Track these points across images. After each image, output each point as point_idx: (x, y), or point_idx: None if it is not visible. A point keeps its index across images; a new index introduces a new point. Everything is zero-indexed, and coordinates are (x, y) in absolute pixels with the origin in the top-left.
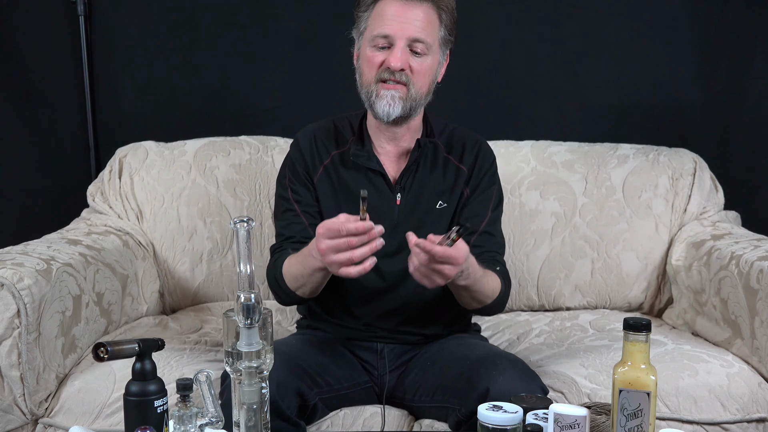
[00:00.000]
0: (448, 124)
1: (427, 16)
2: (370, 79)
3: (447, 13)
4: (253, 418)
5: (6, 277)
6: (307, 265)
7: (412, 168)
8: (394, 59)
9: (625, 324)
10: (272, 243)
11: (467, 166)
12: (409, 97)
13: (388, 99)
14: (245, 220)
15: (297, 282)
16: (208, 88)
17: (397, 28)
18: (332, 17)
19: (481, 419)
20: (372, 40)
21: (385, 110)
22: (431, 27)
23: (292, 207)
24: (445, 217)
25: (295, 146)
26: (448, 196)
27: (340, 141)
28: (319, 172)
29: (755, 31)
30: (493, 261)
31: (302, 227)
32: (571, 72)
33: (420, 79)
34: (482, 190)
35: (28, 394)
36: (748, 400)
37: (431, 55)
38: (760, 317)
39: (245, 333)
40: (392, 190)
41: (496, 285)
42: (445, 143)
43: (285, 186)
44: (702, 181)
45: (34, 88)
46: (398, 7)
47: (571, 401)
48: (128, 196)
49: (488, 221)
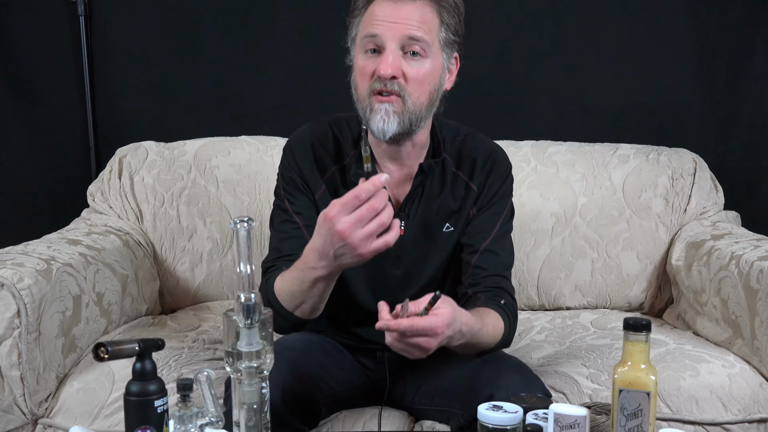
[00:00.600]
0: (460, 129)
1: (424, 14)
2: (364, 92)
3: (449, 11)
4: (253, 418)
5: (6, 277)
6: (306, 278)
7: (417, 192)
8: (383, 65)
9: (625, 324)
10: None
11: (477, 184)
12: (406, 110)
13: (382, 114)
14: (245, 220)
15: (294, 300)
16: (208, 88)
17: (386, 27)
18: (333, 17)
19: (481, 419)
20: (362, 45)
21: (380, 127)
22: (429, 26)
23: (292, 219)
24: (451, 242)
25: (291, 156)
26: (455, 218)
27: (339, 153)
28: (321, 189)
29: (755, 31)
30: (497, 292)
31: (302, 243)
32: (571, 72)
33: (417, 88)
34: (491, 205)
35: (28, 394)
36: (749, 401)
37: (430, 58)
38: (761, 317)
39: (245, 333)
40: (396, 218)
41: (497, 330)
42: (455, 156)
43: (282, 197)
44: (702, 181)
45: (34, 88)
46: (390, 6)
47: (572, 402)
48: (128, 196)
49: (493, 238)
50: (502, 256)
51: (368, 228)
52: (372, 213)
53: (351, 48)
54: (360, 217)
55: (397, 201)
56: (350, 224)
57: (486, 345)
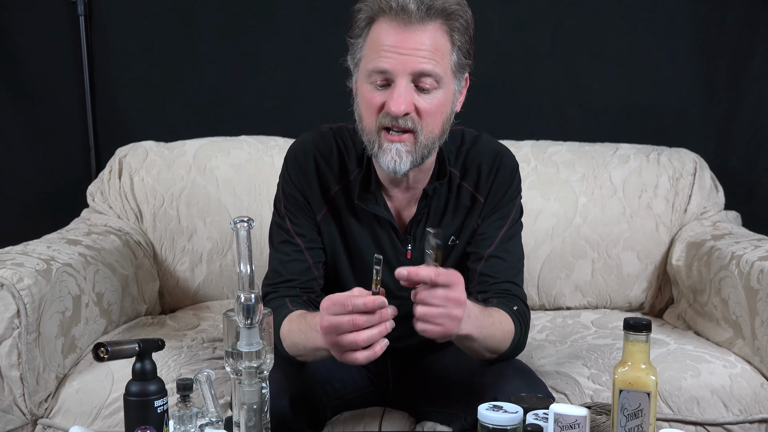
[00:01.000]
0: (466, 134)
1: (435, 40)
2: (371, 127)
3: (461, 31)
4: (253, 418)
5: (6, 277)
6: (309, 339)
7: (422, 213)
8: (395, 103)
9: (626, 324)
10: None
11: (483, 195)
12: (419, 147)
13: (393, 154)
14: (245, 220)
15: (297, 350)
16: (208, 88)
17: (396, 62)
18: (333, 17)
19: (482, 419)
20: (368, 76)
21: (391, 167)
22: (440, 54)
23: (294, 240)
24: (456, 254)
25: (293, 171)
26: (460, 231)
27: (344, 171)
28: (323, 211)
29: (755, 31)
30: (509, 298)
31: (306, 267)
32: (571, 72)
33: (431, 121)
34: (496, 210)
35: (27, 394)
36: (750, 401)
37: (443, 89)
38: (761, 317)
39: (245, 333)
40: (402, 241)
41: (508, 329)
42: (460, 168)
43: (283, 215)
44: (702, 181)
45: (34, 88)
46: (397, 33)
47: (573, 403)
48: (128, 196)
49: (499, 242)
50: (509, 261)
51: (342, 338)
52: (350, 327)
53: (353, 71)
54: (338, 324)
55: (402, 224)
56: (329, 325)
57: (497, 344)
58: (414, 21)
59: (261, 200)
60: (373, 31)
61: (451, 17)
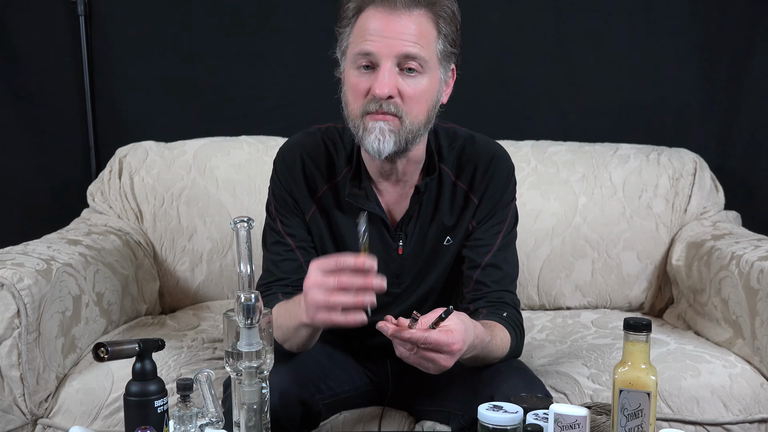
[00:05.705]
0: (458, 132)
1: (420, 26)
2: (356, 112)
3: (446, 20)
4: (253, 418)
5: (6, 277)
6: (292, 315)
7: (414, 209)
8: (379, 85)
9: (626, 324)
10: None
11: (478, 196)
12: (403, 130)
13: (377, 132)
14: (245, 220)
15: (282, 334)
16: (208, 88)
17: (381, 44)
18: (333, 17)
19: (482, 419)
20: (354, 61)
21: (375, 146)
22: (426, 40)
23: (285, 240)
24: (450, 255)
25: (281, 173)
26: (455, 231)
27: (332, 170)
28: (312, 210)
29: (755, 31)
30: (499, 306)
31: (297, 265)
32: (571, 72)
33: (415, 106)
34: (492, 215)
35: (28, 394)
36: (750, 401)
37: (428, 74)
38: (761, 317)
39: (245, 333)
40: (393, 237)
41: (505, 342)
42: (454, 165)
43: (273, 216)
44: (702, 181)
45: (34, 88)
46: (383, 18)
47: (573, 402)
48: (128, 196)
49: (496, 251)
50: (505, 270)
51: (328, 297)
52: (336, 285)
53: (341, 61)
54: (323, 282)
55: (394, 220)
56: (313, 282)
57: (495, 358)
58: (400, 7)
59: (261, 200)
60: (360, 19)
61: (437, 6)
